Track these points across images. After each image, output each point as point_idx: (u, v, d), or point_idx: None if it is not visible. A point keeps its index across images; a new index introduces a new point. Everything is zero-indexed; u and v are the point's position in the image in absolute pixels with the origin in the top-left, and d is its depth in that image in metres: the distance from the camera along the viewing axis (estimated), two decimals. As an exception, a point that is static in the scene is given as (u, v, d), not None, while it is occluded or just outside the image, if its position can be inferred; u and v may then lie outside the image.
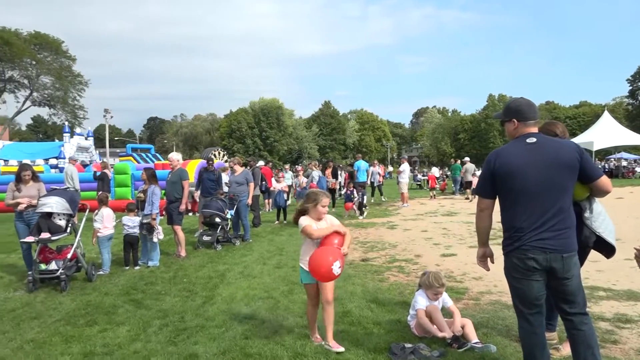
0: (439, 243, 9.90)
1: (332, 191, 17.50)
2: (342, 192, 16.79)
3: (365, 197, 15.40)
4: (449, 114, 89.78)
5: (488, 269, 3.60)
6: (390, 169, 57.11)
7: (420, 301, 4.66)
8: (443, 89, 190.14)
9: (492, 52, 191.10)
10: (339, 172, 20.16)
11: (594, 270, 6.56)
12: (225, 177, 12.06)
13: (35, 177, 7.38)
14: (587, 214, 3.72)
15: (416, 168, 49.71)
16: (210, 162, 11.55)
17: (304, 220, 4.34)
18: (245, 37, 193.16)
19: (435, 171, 30.31)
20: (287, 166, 19.74)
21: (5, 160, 24.67)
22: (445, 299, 4.80)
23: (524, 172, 3.16)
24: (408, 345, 4.16)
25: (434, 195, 22.44)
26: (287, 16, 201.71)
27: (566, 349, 3.86)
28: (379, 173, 20.42)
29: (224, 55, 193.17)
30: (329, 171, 17.89)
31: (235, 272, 7.53)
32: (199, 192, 11.21)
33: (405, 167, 18.90)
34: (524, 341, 3.33)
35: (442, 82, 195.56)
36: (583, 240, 3.70)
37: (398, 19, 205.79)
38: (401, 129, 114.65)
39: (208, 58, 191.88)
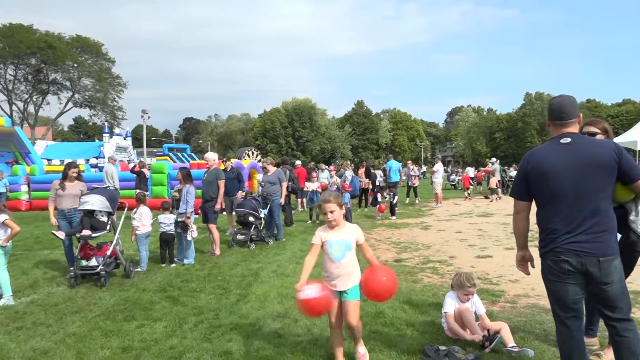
0: (474, 244, 9.73)
1: (365, 191, 17.45)
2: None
3: (396, 197, 15.28)
4: (485, 113, 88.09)
5: (528, 273, 3.52)
6: (424, 168, 56.43)
7: (449, 304, 4.61)
8: (478, 87, 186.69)
9: (529, 49, 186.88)
10: (373, 172, 20.04)
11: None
12: (259, 177, 12.18)
13: (79, 176, 7.64)
14: (632, 217, 3.58)
15: (450, 168, 48.96)
16: (227, 160, 11.70)
17: (314, 237, 3.91)
18: (278, 37, 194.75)
19: (470, 171, 29.82)
20: (322, 165, 19.69)
21: (48, 160, 25.59)
22: (477, 304, 4.66)
23: (557, 173, 3.08)
24: (442, 347, 4.11)
25: (469, 195, 22.14)
26: (321, 16, 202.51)
27: (608, 355, 3.73)
28: (413, 175, 20.00)
29: (257, 56, 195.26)
30: (362, 171, 17.82)
31: (268, 270, 7.59)
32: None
33: (439, 167, 18.67)
34: (561, 346, 3.24)
35: (478, 81, 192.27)
36: (631, 245, 3.57)
37: (434, 18, 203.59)
38: (435, 128, 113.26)
39: (242, 59, 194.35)
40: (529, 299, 5.80)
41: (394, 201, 15.00)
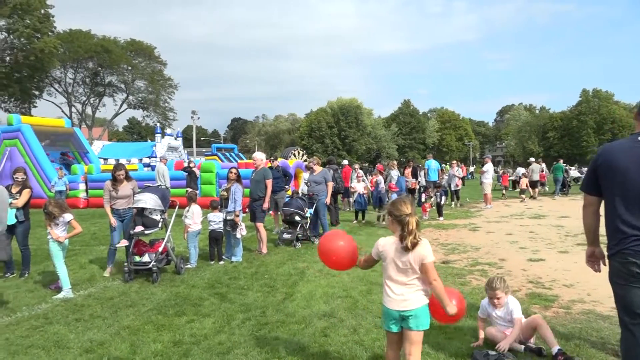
0: (525, 247, 9.42)
1: (411, 191, 17.23)
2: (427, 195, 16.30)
3: (443, 198, 15.00)
4: (537, 111, 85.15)
5: (598, 270, 3.40)
6: (472, 169, 55.14)
7: (481, 308, 4.56)
8: (530, 85, 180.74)
9: (585, 45, 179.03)
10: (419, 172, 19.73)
11: None
12: (305, 176, 12.26)
13: (127, 176, 7.88)
14: None
15: (500, 168, 47.61)
16: (274, 159, 11.86)
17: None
18: (324, 37, 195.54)
19: (521, 171, 28.97)
20: (356, 166, 19.49)
21: (104, 159, 26.69)
22: (513, 308, 4.34)
23: (625, 170, 2.95)
24: (492, 352, 4.00)
25: (504, 194, 22.24)
26: (367, 15, 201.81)
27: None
28: (456, 176, 18.61)
29: (304, 56, 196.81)
30: (408, 171, 17.58)
31: (314, 270, 7.63)
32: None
33: (488, 167, 18.18)
34: (625, 354, 3.06)
35: (530, 78, 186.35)
36: None
37: (483, 14, 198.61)
38: (484, 127, 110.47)
39: (289, 59, 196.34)
40: (584, 305, 5.56)
41: (442, 201, 14.74)
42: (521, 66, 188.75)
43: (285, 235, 9.96)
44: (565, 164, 25.12)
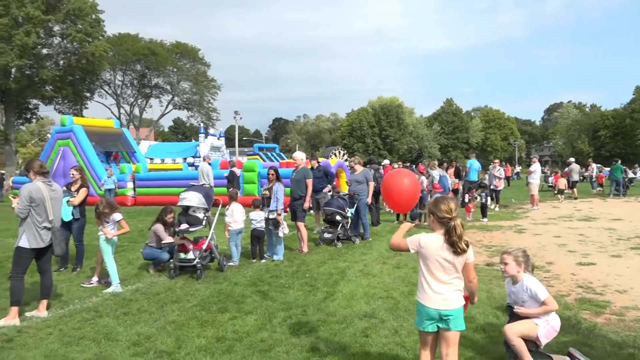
0: (574, 250, 9.08)
1: (454, 192, 16.90)
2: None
3: (488, 199, 14.65)
4: (587, 109, 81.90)
5: None
6: (518, 169, 53.63)
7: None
8: (580, 82, 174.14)
9: (639, 40, 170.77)
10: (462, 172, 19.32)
11: None
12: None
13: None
14: None
15: (548, 168, 46.09)
16: (315, 159, 11.91)
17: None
18: (368, 36, 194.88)
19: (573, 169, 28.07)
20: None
21: (151, 159, 27.52)
22: (530, 285, 3.87)
23: None
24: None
25: (557, 194, 21.42)
26: (411, 13, 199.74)
27: None
28: (497, 176, 17.47)
29: (346, 56, 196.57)
30: (451, 171, 17.27)
31: (355, 269, 7.61)
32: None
33: (536, 167, 17.62)
34: None
35: (580, 75, 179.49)
36: None
37: (531, 10, 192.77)
38: (531, 126, 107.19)
39: (331, 59, 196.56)
40: (638, 312, 5.30)
41: (487, 202, 14.41)
42: (570, 63, 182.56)
43: (326, 235, 9.98)
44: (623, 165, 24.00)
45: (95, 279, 7.00)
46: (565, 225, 12.59)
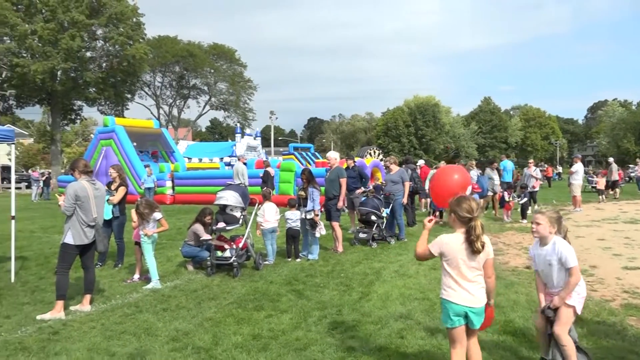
0: (619, 254, 8.74)
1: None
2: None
3: (526, 200, 14.26)
4: (634, 107, 78.69)
5: None
6: (559, 169, 52.04)
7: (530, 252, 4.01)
8: (626, 79, 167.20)
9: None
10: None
11: None
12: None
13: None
14: None
15: (591, 168, 44.56)
16: (349, 158, 11.88)
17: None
18: (405, 35, 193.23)
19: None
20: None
21: (189, 158, 28.06)
22: (561, 249, 3.63)
23: None
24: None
25: (607, 196, 20.76)
26: (449, 11, 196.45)
27: None
28: (533, 176, 16.55)
29: (382, 55, 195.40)
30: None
31: (390, 270, 7.55)
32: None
33: (578, 167, 17.05)
34: None
35: (626, 72, 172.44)
36: None
37: (575, 5, 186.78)
38: (573, 125, 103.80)
39: (367, 58, 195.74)
40: (690, 319, 5.06)
41: (527, 203, 14.05)
42: (616, 59, 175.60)
43: (361, 235, 9.95)
44: None
45: (136, 276, 7.20)
46: (609, 228, 12.14)
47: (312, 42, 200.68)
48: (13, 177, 8.21)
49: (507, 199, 14.39)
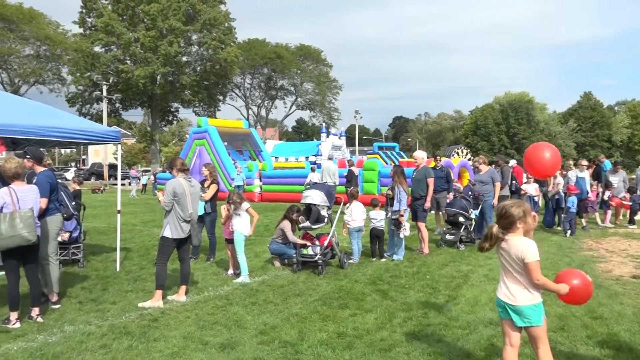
0: None
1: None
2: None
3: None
4: None
5: None
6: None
7: None
8: None
9: None
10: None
11: None
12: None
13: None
14: None
15: None
16: (437, 158, 11.56)
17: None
18: (494, 29, 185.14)
19: None
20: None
21: (276, 157, 28.87)
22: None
23: None
24: None
25: None
26: (543, 2, 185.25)
27: None
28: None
29: (470, 51, 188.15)
30: (590, 172, 15.70)
31: (479, 274, 7.28)
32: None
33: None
34: None
35: None
36: None
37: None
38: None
39: (453, 55, 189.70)
40: None
41: (636, 207, 12.92)
42: None
43: (448, 236, 9.68)
44: None
45: (230, 271, 7.52)
46: None
47: (396, 39, 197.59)
48: (119, 174, 8.91)
49: (606, 197, 13.32)
